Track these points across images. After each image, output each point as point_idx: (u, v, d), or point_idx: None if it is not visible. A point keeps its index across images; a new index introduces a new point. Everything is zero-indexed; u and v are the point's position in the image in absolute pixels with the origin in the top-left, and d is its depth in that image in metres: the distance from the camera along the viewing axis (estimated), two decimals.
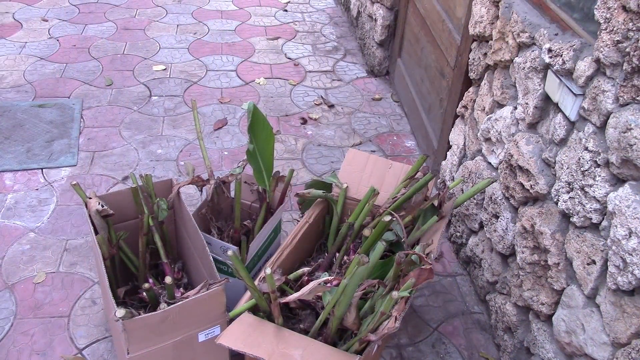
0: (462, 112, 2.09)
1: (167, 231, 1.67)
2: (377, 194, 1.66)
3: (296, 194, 1.71)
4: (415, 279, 1.28)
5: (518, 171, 1.59)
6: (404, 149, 2.74)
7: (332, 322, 1.31)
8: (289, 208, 2.30)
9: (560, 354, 1.44)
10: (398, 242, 1.57)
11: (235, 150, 2.64)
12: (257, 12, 4.18)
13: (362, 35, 3.60)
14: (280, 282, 1.33)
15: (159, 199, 1.58)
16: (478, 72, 1.93)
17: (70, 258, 2.01)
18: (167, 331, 1.30)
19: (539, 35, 1.49)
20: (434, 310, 1.93)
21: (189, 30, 3.78)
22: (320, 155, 2.65)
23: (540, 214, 1.48)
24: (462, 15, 2.13)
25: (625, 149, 1.12)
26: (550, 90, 1.45)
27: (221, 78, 3.22)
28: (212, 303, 1.33)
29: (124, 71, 3.22)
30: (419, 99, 2.75)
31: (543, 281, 1.50)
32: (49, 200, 2.26)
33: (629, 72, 1.12)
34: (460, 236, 2.10)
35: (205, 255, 1.45)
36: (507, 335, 1.73)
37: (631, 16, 1.11)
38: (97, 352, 1.69)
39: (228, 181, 1.74)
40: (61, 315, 1.80)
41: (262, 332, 1.26)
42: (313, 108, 3.02)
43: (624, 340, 1.17)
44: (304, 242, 1.66)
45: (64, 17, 3.86)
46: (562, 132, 1.40)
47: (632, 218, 1.11)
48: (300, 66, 3.44)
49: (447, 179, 2.21)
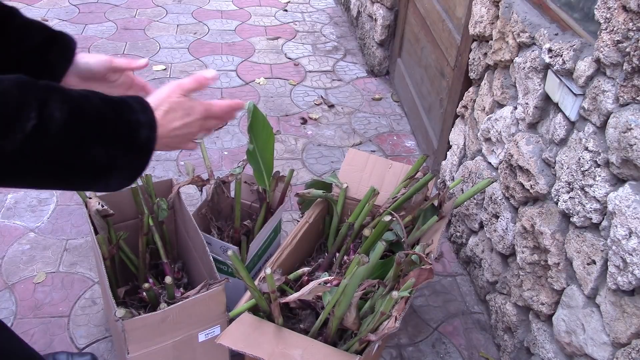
0: (462, 112, 2.09)
1: (166, 231, 1.67)
2: (377, 194, 1.66)
3: (296, 194, 1.71)
4: (415, 279, 1.28)
5: (518, 171, 1.59)
6: (404, 149, 2.74)
7: (332, 322, 1.30)
8: (289, 208, 2.30)
9: (560, 354, 1.44)
10: (398, 242, 1.57)
11: (235, 150, 2.64)
12: (257, 12, 4.18)
13: (362, 35, 3.60)
14: (280, 282, 1.32)
15: (159, 199, 1.58)
16: (478, 72, 1.93)
17: (70, 258, 2.01)
18: (167, 331, 1.30)
19: (539, 35, 1.49)
20: (434, 310, 1.93)
21: (189, 30, 3.78)
22: (320, 155, 2.65)
23: (540, 214, 1.48)
24: (462, 15, 2.13)
25: (626, 149, 1.12)
26: (550, 90, 1.45)
27: (221, 78, 3.22)
28: (212, 303, 1.33)
29: None
30: (419, 99, 2.75)
31: (543, 281, 1.50)
32: (49, 200, 2.26)
33: (629, 72, 1.12)
34: (460, 236, 2.10)
35: (205, 255, 1.45)
36: (507, 335, 1.73)
37: (631, 16, 1.10)
38: (97, 352, 1.69)
39: (228, 181, 1.74)
40: (61, 315, 1.80)
41: (262, 332, 1.26)
42: (313, 108, 3.02)
43: (624, 340, 1.17)
44: (304, 242, 1.66)
45: (64, 17, 3.86)
46: (562, 132, 1.40)
47: (632, 218, 1.11)
48: (300, 66, 3.44)
49: (447, 179, 2.21)
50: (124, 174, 0.75)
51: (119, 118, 0.73)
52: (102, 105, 0.72)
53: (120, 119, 0.73)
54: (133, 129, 0.74)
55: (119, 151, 0.73)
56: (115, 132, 0.72)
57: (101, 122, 0.71)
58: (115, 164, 0.73)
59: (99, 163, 0.71)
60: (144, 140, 0.75)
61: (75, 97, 0.70)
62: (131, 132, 0.74)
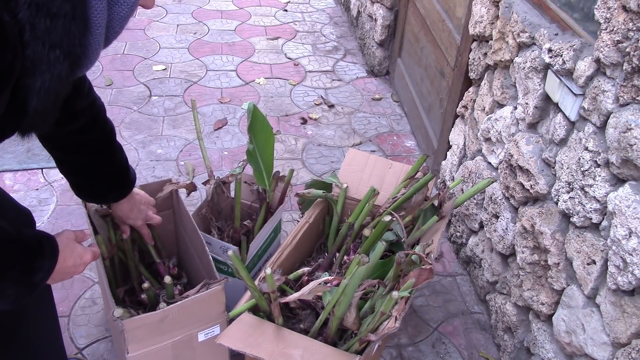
0: (462, 112, 2.09)
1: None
2: (377, 194, 1.66)
3: (296, 194, 1.71)
4: (415, 279, 1.28)
5: (518, 171, 1.59)
6: (404, 149, 2.74)
7: (332, 322, 1.30)
8: (289, 208, 2.30)
9: (560, 354, 1.44)
10: (398, 242, 1.57)
11: (235, 150, 2.64)
12: (257, 12, 4.18)
13: (362, 35, 3.60)
14: (280, 282, 1.33)
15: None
16: (478, 72, 1.93)
17: None
18: (166, 331, 1.30)
19: (539, 35, 1.49)
20: (434, 310, 1.93)
21: (189, 30, 3.78)
22: (320, 155, 2.65)
23: (540, 214, 1.48)
24: (462, 15, 2.13)
25: (625, 149, 1.12)
26: (550, 90, 1.45)
27: (221, 78, 3.22)
28: (212, 303, 1.33)
29: (124, 71, 3.22)
30: (419, 99, 2.75)
31: (543, 281, 1.50)
32: (49, 200, 2.26)
33: (629, 72, 1.12)
34: (460, 236, 2.10)
35: (205, 255, 1.44)
36: (507, 335, 1.73)
37: (631, 16, 1.10)
38: (97, 352, 1.69)
39: (228, 181, 1.74)
40: (61, 315, 1.80)
41: (262, 332, 1.26)
42: (313, 108, 3.02)
43: (624, 340, 1.17)
44: (304, 242, 1.66)
45: None
46: (562, 132, 1.40)
47: (632, 218, 1.11)
48: (300, 66, 3.44)
49: (447, 179, 2.21)
50: (10, 299, 0.92)
51: (27, 263, 0.92)
52: (15, 252, 0.90)
53: (27, 263, 0.92)
54: (32, 273, 0.93)
55: (9, 285, 0.90)
56: (14, 274, 0.90)
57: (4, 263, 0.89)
58: (3, 293, 0.90)
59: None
60: (37, 280, 0.94)
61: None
62: (28, 275, 0.92)
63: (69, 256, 1.03)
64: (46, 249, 0.97)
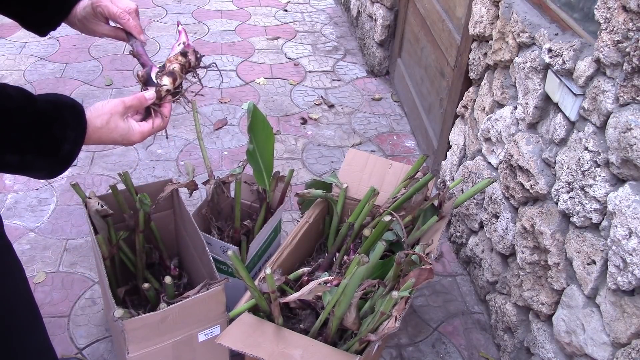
0: (462, 112, 2.09)
1: (155, 228, 1.64)
2: (377, 194, 1.66)
3: (296, 194, 1.71)
4: (415, 279, 1.28)
5: (518, 171, 1.59)
6: (404, 149, 2.74)
7: (332, 322, 1.30)
8: (289, 208, 2.30)
9: (560, 354, 1.44)
10: (398, 242, 1.57)
11: (235, 150, 2.64)
12: (257, 12, 4.18)
13: (362, 35, 3.60)
14: (280, 282, 1.33)
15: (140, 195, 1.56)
16: (478, 72, 1.93)
17: (70, 258, 2.01)
18: (166, 331, 1.30)
19: (539, 35, 1.49)
20: (434, 310, 1.93)
21: (189, 30, 3.78)
22: (320, 155, 2.65)
23: (540, 214, 1.48)
24: (462, 15, 2.13)
25: (625, 149, 1.12)
26: (550, 90, 1.45)
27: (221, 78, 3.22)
28: (212, 303, 1.33)
29: (124, 71, 3.22)
30: (419, 99, 2.75)
31: (543, 281, 1.50)
32: (49, 200, 2.26)
33: (629, 72, 1.12)
34: (460, 236, 2.10)
35: (205, 255, 1.45)
36: (507, 335, 1.73)
37: (631, 16, 1.10)
38: (97, 352, 1.69)
39: (228, 181, 1.74)
40: (61, 315, 1.80)
41: (262, 332, 1.26)
42: (313, 108, 3.02)
43: (624, 340, 1.17)
44: (304, 242, 1.66)
45: None
46: (562, 132, 1.40)
47: (632, 218, 1.11)
48: (300, 66, 3.44)
49: (447, 179, 2.21)
50: (44, 173, 0.89)
51: (46, 131, 0.85)
52: (30, 119, 0.84)
53: (46, 132, 0.85)
54: (56, 143, 0.87)
55: (37, 158, 0.85)
56: (37, 143, 0.85)
57: (21, 134, 0.83)
58: (32, 166, 0.86)
59: (12, 165, 0.84)
60: (65, 152, 0.88)
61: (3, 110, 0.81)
62: (53, 145, 0.86)
63: (105, 135, 0.94)
64: (68, 117, 0.88)
